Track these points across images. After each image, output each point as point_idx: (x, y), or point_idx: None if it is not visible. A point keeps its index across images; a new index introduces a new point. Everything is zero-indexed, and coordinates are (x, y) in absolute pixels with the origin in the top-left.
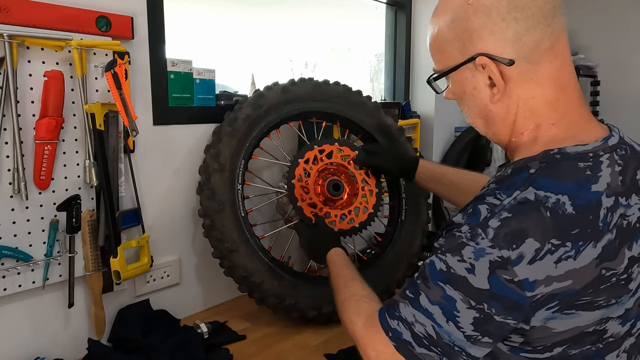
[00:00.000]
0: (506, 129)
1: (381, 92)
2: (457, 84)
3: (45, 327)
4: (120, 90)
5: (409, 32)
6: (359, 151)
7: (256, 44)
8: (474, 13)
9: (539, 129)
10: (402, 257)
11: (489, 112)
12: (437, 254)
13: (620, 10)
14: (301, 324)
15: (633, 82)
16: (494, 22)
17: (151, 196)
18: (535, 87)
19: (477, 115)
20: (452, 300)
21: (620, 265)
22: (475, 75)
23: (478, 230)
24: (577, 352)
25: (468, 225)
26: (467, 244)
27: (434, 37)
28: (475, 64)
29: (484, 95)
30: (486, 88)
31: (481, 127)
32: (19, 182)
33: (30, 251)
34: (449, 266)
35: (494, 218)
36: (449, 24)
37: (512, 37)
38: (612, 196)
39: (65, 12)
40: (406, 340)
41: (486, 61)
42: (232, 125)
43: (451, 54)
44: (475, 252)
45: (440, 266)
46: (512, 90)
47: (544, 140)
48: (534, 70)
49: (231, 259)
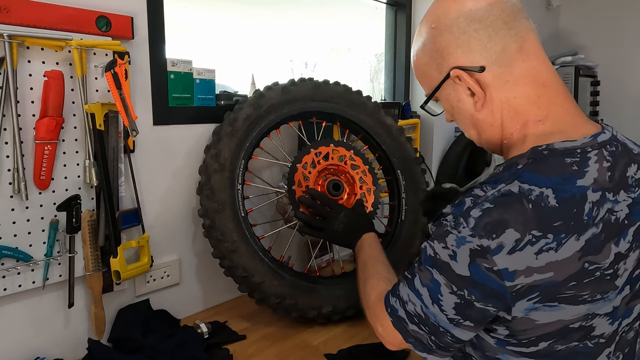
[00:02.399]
0: (496, 134)
1: (381, 92)
2: (445, 101)
3: (45, 327)
4: (120, 90)
5: (409, 32)
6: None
7: (256, 44)
8: (438, 34)
9: (526, 127)
10: (402, 257)
11: (477, 120)
12: (428, 240)
13: (620, 11)
14: (301, 324)
15: (633, 82)
16: (456, 37)
17: (151, 196)
18: (514, 87)
19: (470, 126)
20: (437, 284)
21: (605, 260)
22: (456, 88)
23: (460, 220)
24: (564, 348)
25: (452, 214)
26: (450, 232)
27: (415, 64)
28: (452, 78)
29: (468, 106)
30: (468, 98)
31: (475, 137)
32: (19, 182)
33: (30, 251)
34: (435, 252)
35: (475, 208)
36: (422, 49)
37: (478, 46)
38: (598, 191)
39: (65, 12)
40: (401, 316)
41: (460, 73)
42: (232, 125)
43: (431, 76)
44: (457, 240)
45: (429, 252)
46: (493, 94)
47: (533, 137)
48: (508, 72)
49: (231, 259)
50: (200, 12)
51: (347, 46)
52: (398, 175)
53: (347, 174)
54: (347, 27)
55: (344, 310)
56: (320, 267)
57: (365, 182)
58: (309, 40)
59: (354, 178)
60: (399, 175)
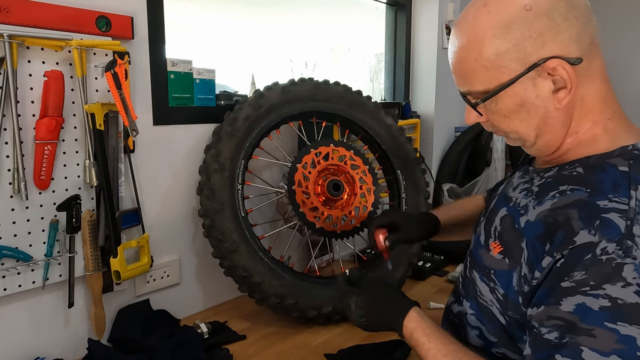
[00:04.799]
0: (562, 133)
1: (381, 92)
2: (512, 98)
3: (45, 327)
4: (120, 90)
5: (409, 32)
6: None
7: (256, 44)
8: (535, 18)
9: (596, 125)
10: (402, 257)
11: (550, 119)
12: (586, 292)
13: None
14: (301, 324)
15: (633, 82)
16: (557, 23)
17: (151, 196)
18: (592, 83)
19: (532, 128)
20: (632, 340)
21: None
22: (538, 82)
23: (628, 243)
24: None
25: (609, 240)
26: (624, 263)
27: (476, 55)
28: (540, 70)
29: (547, 103)
30: (549, 94)
31: (531, 139)
32: (19, 182)
33: (30, 251)
34: (613, 298)
35: (635, 225)
36: (502, 35)
37: (576, 36)
38: None
39: (65, 12)
40: None
41: (557, 63)
42: (232, 125)
43: (506, 68)
44: (637, 268)
45: (601, 303)
46: (576, 90)
47: (605, 136)
48: (589, 67)
49: (231, 259)
50: (200, 12)
51: (347, 46)
52: (398, 175)
53: (347, 174)
54: (347, 27)
55: (344, 310)
56: (320, 267)
57: (365, 182)
58: (309, 41)
59: (354, 178)
60: (399, 175)
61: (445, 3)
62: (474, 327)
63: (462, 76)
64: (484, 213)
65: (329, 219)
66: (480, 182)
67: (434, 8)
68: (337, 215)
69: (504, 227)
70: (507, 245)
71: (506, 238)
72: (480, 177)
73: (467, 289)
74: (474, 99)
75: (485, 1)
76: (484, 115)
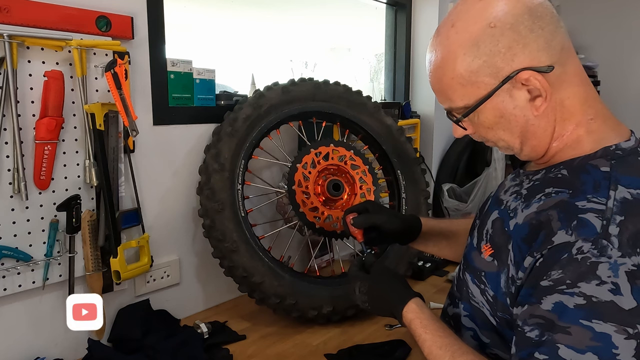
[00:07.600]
0: (547, 138)
1: (381, 92)
2: (491, 110)
3: (45, 327)
4: (120, 90)
5: (409, 32)
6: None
7: (256, 44)
8: (501, 34)
9: (579, 127)
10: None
11: (531, 126)
12: (563, 291)
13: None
14: (301, 324)
15: (633, 82)
16: (523, 35)
17: (151, 196)
18: (569, 87)
19: (516, 136)
20: (606, 337)
21: None
22: (514, 93)
23: (603, 242)
24: None
25: (585, 240)
26: (599, 262)
27: (452, 73)
28: (514, 82)
29: (526, 112)
30: (527, 103)
31: (517, 147)
32: (19, 182)
33: (30, 251)
34: (587, 296)
35: (611, 224)
36: (472, 52)
37: (544, 45)
38: None
39: (65, 12)
40: None
41: (528, 74)
42: (232, 125)
43: (480, 83)
44: (612, 267)
45: (576, 301)
46: (552, 96)
47: (588, 137)
48: (564, 71)
49: (231, 259)
50: (200, 12)
51: (347, 46)
52: (398, 175)
53: (347, 174)
54: (347, 27)
55: (344, 310)
56: (320, 267)
57: (365, 182)
58: (309, 41)
59: (354, 178)
60: (399, 175)
61: (445, 3)
62: (469, 329)
63: (442, 93)
64: (478, 215)
65: (329, 219)
66: (480, 182)
67: (434, 8)
68: (337, 215)
69: (495, 230)
70: (497, 248)
71: (497, 241)
72: (480, 177)
73: (461, 291)
74: (457, 114)
75: (453, 21)
76: (470, 128)
